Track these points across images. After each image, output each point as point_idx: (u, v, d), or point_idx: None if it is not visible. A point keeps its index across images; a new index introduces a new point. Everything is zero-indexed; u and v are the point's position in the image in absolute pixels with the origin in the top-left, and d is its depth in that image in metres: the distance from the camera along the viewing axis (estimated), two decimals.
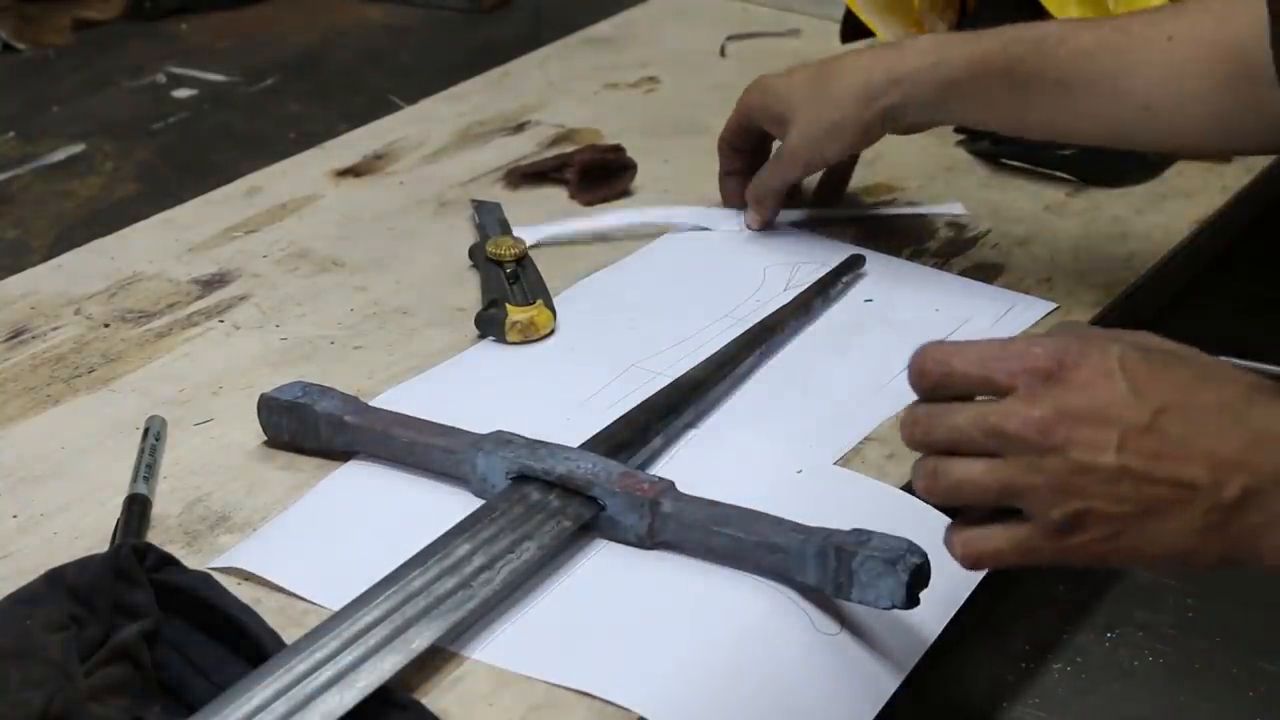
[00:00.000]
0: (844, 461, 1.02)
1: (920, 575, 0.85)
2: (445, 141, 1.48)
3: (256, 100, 1.81)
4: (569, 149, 1.42)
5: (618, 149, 1.41)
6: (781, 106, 1.23)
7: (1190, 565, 0.78)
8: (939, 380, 0.80)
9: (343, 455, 1.01)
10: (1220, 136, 1.08)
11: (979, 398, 0.79)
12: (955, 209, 1.32)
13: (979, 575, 0.91)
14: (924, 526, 0.91)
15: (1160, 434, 0.75)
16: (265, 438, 1.03)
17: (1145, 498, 0.75)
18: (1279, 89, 0.99)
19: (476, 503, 0.95)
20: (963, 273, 1.25)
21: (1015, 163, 1.40)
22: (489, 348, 1.14)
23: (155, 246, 1.28)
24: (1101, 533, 0.76)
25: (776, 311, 1.16)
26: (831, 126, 1.20)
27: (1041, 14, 1.45)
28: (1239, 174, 1.38)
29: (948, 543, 0.81)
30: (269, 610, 0.86)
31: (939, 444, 0.80)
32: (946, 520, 0.94)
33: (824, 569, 0.87)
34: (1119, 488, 0.75)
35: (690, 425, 1.04)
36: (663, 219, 1.26)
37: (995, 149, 1.41)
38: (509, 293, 1.16)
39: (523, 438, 0.96)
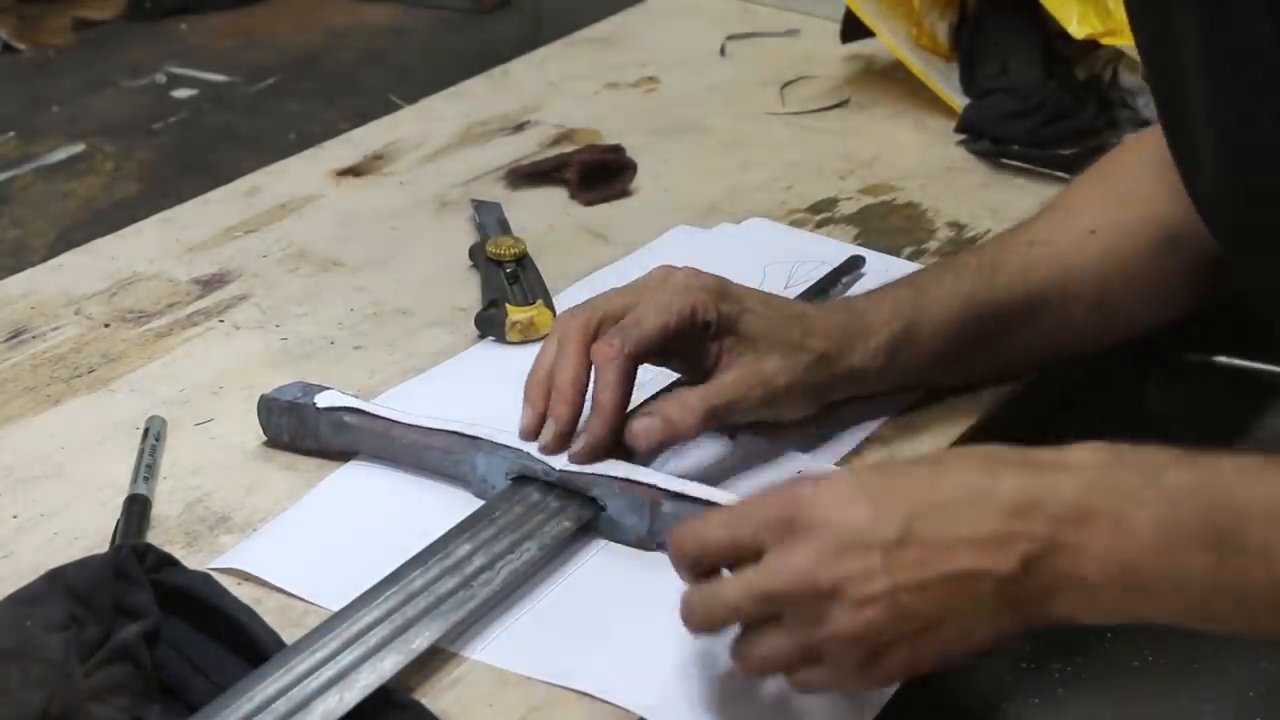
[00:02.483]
0: (844, 462, 1.02)
1: None
2: (445, 141, 1.48)
3: (256, 100, 1.81)
4: (569, 149, 1.42)
5: (618, 149, 1.41)
6: (737, 305, 0.98)
7: (1002, 643, 0.77)
8: (697, 558, 0.79)
9: (342, 456, 1.01)
10: (1163, 306, 1.07)
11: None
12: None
13: None
14: None
15: (916, 539, 0.74)
16: (265, 438, 1.03)
17: (930, 604, 0.74)
18: (1204, 251, 1.00)
19: (476, 503, 0.95)
20: None
21: (1015, 163, 1.40)
22: (489, 348, 1.14)
23: (155, 246, 1.28)
24: (903, 655, 0.76)
25: None
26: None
27: (1041, 14, 1.45)
28: None
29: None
30: (269, 610, 0.86)
31: (721, 625, 0.79)
32: None
33: None
34: (901, 607, 0.74)
35: None
36: (484, 434, 0.97)
37: (995, 149, 1.41)
38: (509, 293, 1.16)
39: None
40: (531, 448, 0.95)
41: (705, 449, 1.02)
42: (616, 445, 0.95)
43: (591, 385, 0.95)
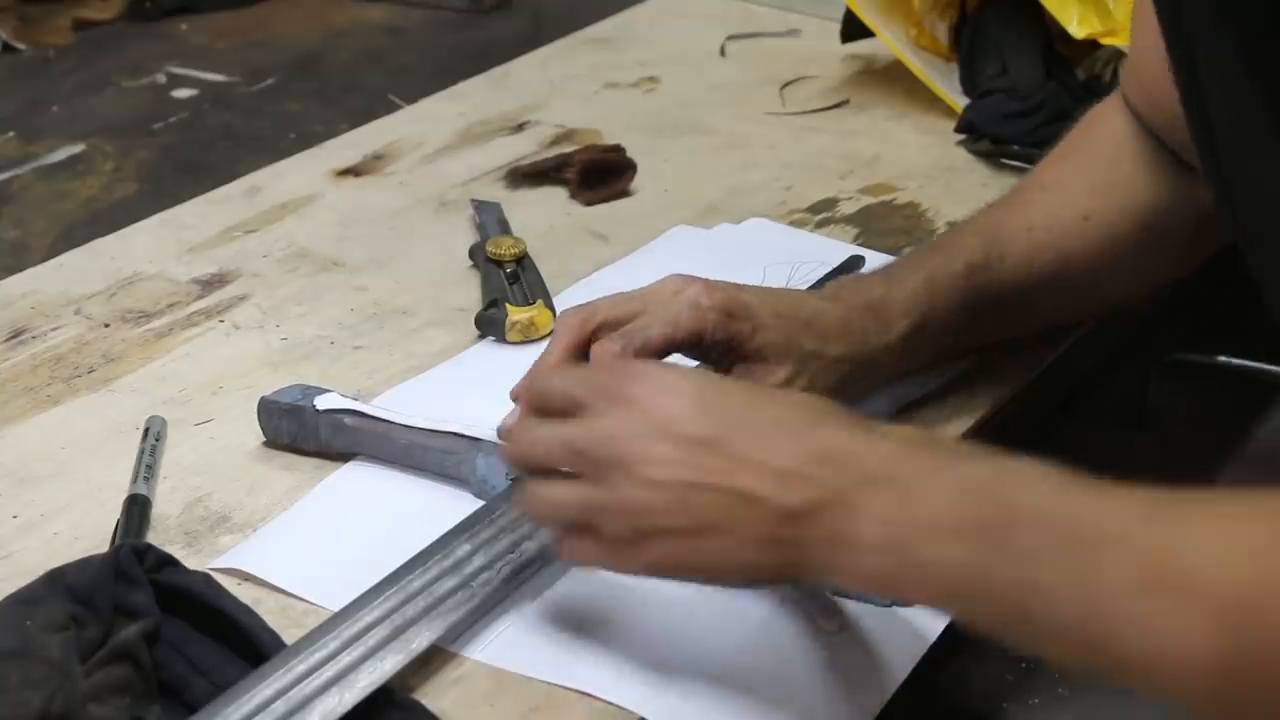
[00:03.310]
0: None
1: None
2: (445, 141, 1.48)
3: (256, 100, 1.81)
4: (569, 149, 1.42)
5: (618, 149, 1.41)
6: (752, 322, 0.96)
7: (756, 578, 0.80)
8: (538, 395, 0.84)
9: (343, 457, 1.01)
10: (1146, 282, 1.12)
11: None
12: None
13: None
14: None
15: (722, 448, 0.77)
16: (265, 439, 1.03)
17: (707, 510, 0.77)
18: (1182, 229, 1.06)
19: (476, 503, 0.95)
20: None
21: (1015, 163, 1.40)
22: (489, 348, 1.14)
23: (155, 246, 1.28)
24: (670, 547, 0.78)
25: None
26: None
27: (1041, 14, 1.45)
28: None
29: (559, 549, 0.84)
30: (269, 610, 0.86)
31: (526, 459, 0.83)
32: None
33: None
34: (681, 501, 0.77)
35: None
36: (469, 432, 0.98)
37: (995, 149, 1.41)
38: (509, 293, 1.16)
39: None
40: None
41: None
42: None
43: None
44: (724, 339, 0.94)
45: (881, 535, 0.74)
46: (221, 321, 1.18)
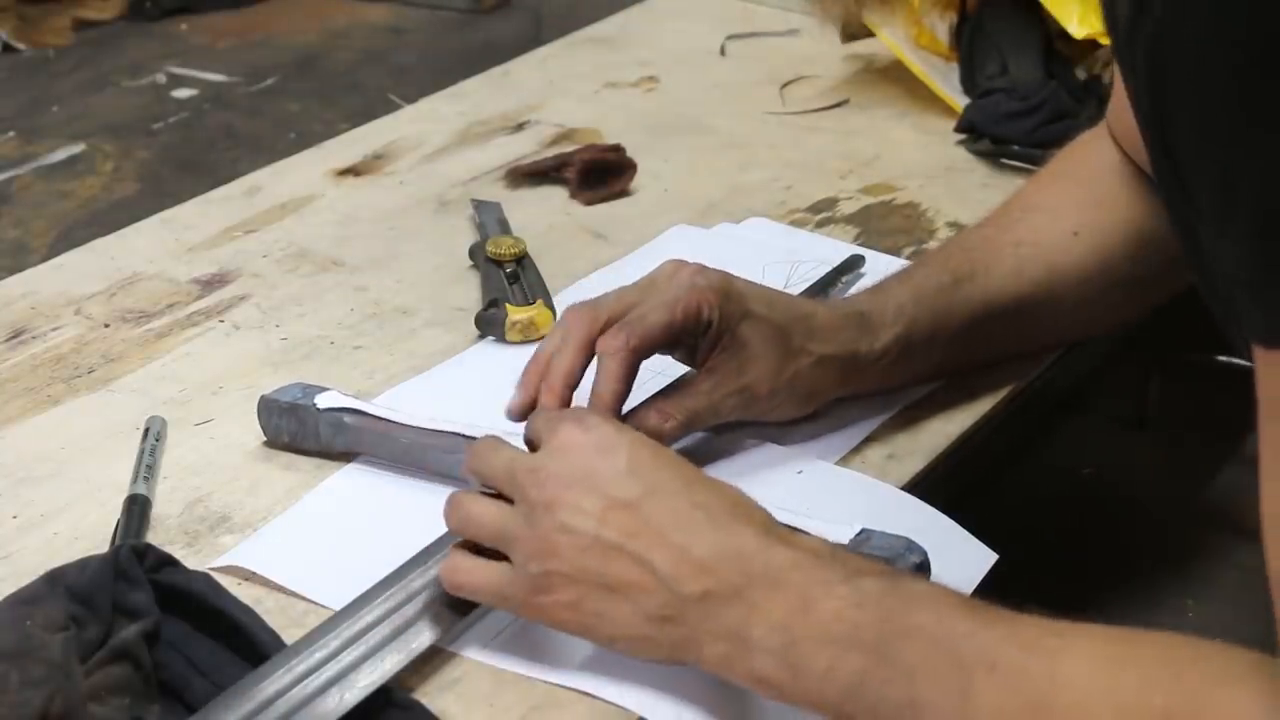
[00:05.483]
0: (844, 461, 1.02)
1: (920, 574, 0.85)
2: (445, 141, 1.48)
3: (256, 100, 1.82)
4: (569, 149, 1.42)
5: (618, 149, 1.41)
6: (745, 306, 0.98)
7: (640, 654, 0.80)
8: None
9: (343, 456, 1.01)
10: (1142, 300, 1.11)
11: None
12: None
13: (979, 574, 0.91)
14: (924, 526, 0.91)
15: (642, 514, 0.79)
16: (265, 438, 1.03)
17: (612, 572, 0.79)
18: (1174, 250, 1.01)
19: None
20: None
21: (1015, 162, 1.40)
22: (489, 348, 1.14)
23: (155, 246, 1.28)
24: (567, 597, 0.80)
25: None
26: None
27: (1041, 14, 1.45)
28: None
29: (442, 565, 0.84)
30: (269, 610, 0.86)
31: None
32: (947, 521, 0.94)
33: None
34: (590, 556, 0.79)
35: None
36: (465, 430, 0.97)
37: (995, 149, 1.41)
38: (509, 293, 1.16)
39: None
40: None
41: (705, 446, 1.02)
42: None
43: (593, 377, 0.95)
44: (717, 318, 0.96)
45: (774, 638, 0.76)
46: (221, 321, 1.18)
